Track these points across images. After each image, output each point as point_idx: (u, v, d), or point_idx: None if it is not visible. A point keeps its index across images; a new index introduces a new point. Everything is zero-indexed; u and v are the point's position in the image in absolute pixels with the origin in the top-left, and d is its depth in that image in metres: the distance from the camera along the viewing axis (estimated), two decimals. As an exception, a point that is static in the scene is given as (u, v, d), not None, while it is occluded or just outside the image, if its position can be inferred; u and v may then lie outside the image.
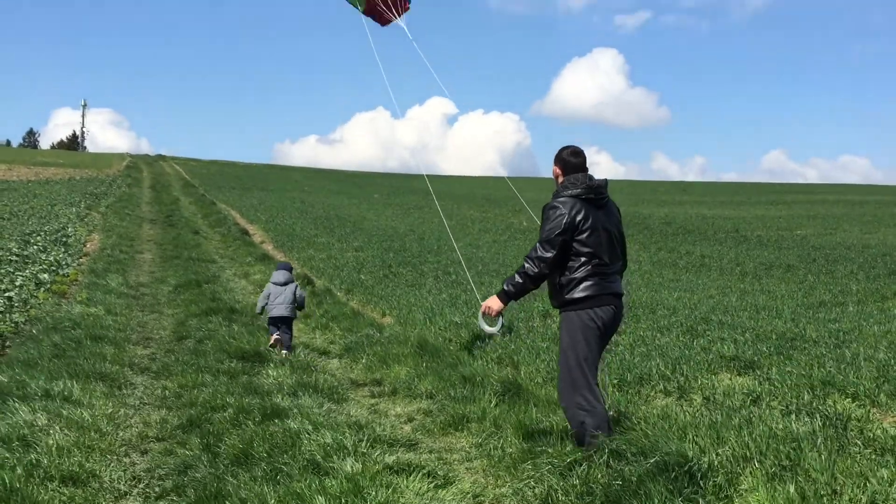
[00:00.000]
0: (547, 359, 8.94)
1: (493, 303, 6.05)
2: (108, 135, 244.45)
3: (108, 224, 26.73)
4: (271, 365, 8.45)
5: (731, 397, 7.39)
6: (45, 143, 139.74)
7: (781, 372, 8.23)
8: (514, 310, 12.37)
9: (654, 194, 67.36)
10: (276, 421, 6.34)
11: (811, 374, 8.01)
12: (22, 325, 10.47)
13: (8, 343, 9.61)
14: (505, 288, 5.87)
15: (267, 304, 9.82)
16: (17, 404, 6.40)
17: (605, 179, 5.93)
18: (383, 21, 9.43)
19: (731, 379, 8.17)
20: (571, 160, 5.88)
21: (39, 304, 12.14)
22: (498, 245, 26.19)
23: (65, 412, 6.40)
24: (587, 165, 5.93)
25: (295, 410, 6.67)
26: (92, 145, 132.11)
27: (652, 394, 7.65)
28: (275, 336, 9.50)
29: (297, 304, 9.97)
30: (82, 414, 6.44)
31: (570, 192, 5.71)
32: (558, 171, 5.93)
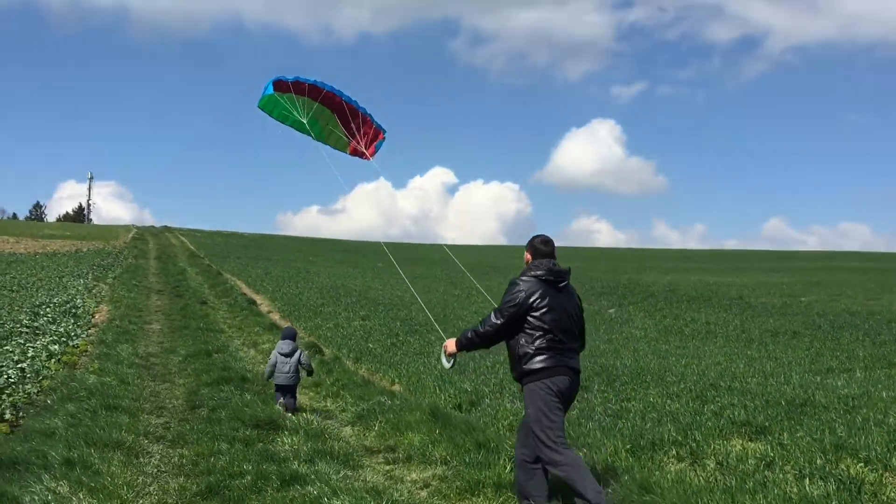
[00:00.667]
0: (559, 425, 9.01)
1: (451, 345, 6.75)
2: (111, 206, 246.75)
3: (116, 295, 26.90)
4: (286, 432, 8.52)
5: (745, 462, 7.45)
6: (51, 215, 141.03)
7: (793, 437, 8.31)
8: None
9: (657, 262, 67.62)
10: (295, 487, 6.41)
11: (823, 439, 8.09)
12: (35, 396, 10.56)
13: (22, 414, 9.70)
14: (461, 338, 6.62)
15: (272, 372, 10.43)
16: (39, 473, 6.48)
17: (568, 267, 6.48)
18: (363, 156, 9.77)
19: (743, 444, 8.23)
20: (541, 248, 6.50)
21: (51, 374, 12.24)
22: (504, 313, 26.32)
23: (86, 480, 6.48)
24: (554, 254, 6.52)
25: (312, 476, 6.74)
26: (97, 217, 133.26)
27: (665, 459, 7.71)
28: (279, 403, 10.14)
29: (304, 368, 10.58)
30: (103, 482, 6.52)
31: (532, 273, 6.33)
32: (528, 255, 6.56)
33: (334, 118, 8.81)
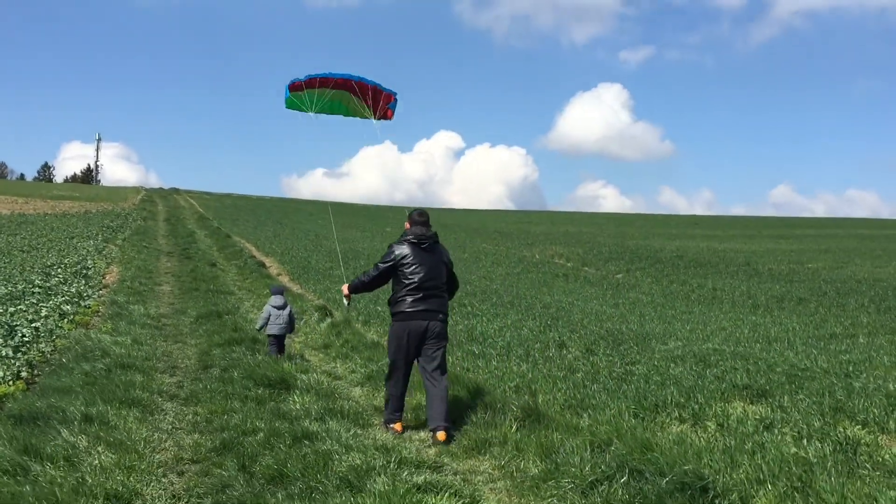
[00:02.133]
0: (564, 387, 9.19)
1: (345, 289, 8.70)
2: (117, 168, 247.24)
3: (127, 257, 27.12)
4: (297, 392, 8.71)
5: (745, 424, 7.62)
6: (58, 176, 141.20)
7: (793, 400, 8.47)
8: (530, 341, 12.62)
9: (664, 228, 67.58)
10: (307, 443, 6.60)
11: (822, 403, 8.25)
12: (49, 355, 10.77)
13: (37, 372, 9.92)
14: (352, 283, 8.55)
15: (267, 323, 11.57)
16: (58, 428, 6.69)
17: (434, 233, 8.20)
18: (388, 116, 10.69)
19: (744, 407, 8.40)
20: (417, 219, 8.22)
21: (64, 334, 12.45)
22: (511, 278, 26.46)
23: (104, 435, 6.68)
24: (428, 222, 8.22)
25: (324, 434, 6.93)
26: (104, 179, 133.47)
27: (667, 420, 7.88)
28: (276, 353, 11.32)
29: (291, 325, 11.81)
30: (120, 437, 6.72)
31: (405, 238, 8.10)
32: (407, 224, 8.26)
33: (351, 96, 9.89)
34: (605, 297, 21.57)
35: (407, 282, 7.89)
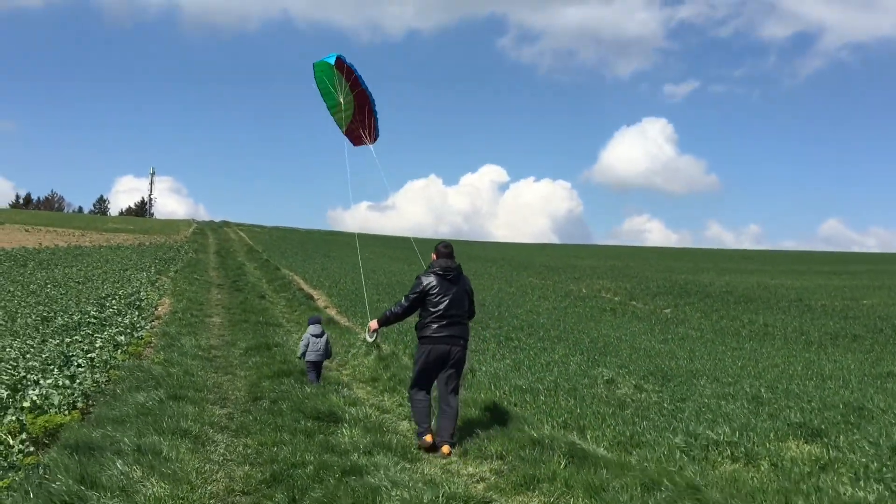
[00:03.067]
0: (612, 424, 9.11)
1: (373, 324, 9.41)
2: (168, 201, 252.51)
3: (178, 289, 27.54)
4: (345, 425, 8.76)
5: (799, 464, 7.48)
6: (112, 209, 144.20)
7: (849, 440, 8.29)
8: (578, 377, 12.54)
9: (713, 262, 66.81)
10: (356, 477, 6.63)
11: (879, 444, 8.06)
12: (103, 385, 10.96)
13: (91, 402, 10.09)
14: (381, 317, 9.31)
15: (306, 350, 12.18)
16: (112, 458, 6.80)
17: (458, 265, 8.87)
18: (356, 143, 11.47)
19: (798, 446, 8.25)
20: (442, 250, 8.92)
21: (118, 364, 12.66)
22: (557, 312, 26.34)
23: (157, 466, 6.77)
24: (452, 254, 8.91)
25: (372, 468, 6.95)
26: (156, 212, 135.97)
27: (719, 459, 7.76)
28: (315, 379, 11.99)
29: (329, 352, 12.49)
30: (173, 468, 6.81)
31: (432, 270, 8.78)
32: (434, 256, 8.94)
33: (354, 106, 10.51)
34: (653, 332, 21.36)
35: (433, 310, 8.59)
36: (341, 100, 10.48)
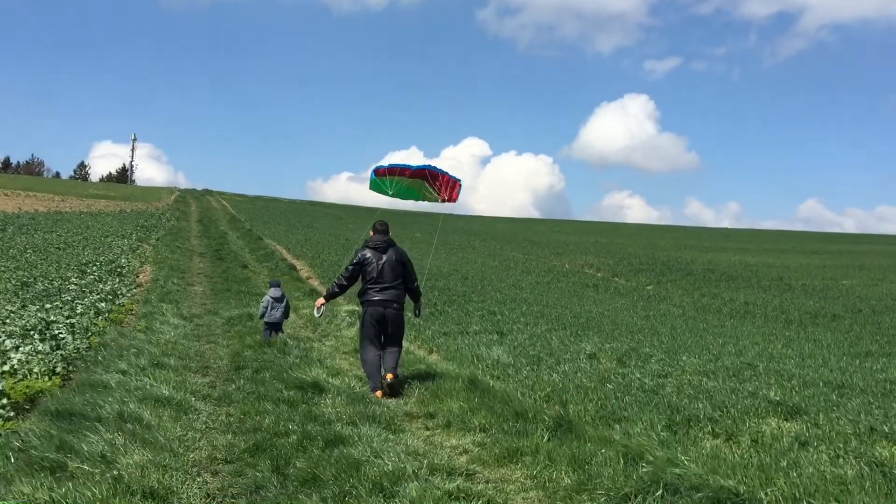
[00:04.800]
0: (595, 398, 9.14)
1: (319, 301, 10.59)
2: (147, 167, 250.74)
3: (160, 256, 27.41)
4: (329, 395, 8.74)
5: (779, 440, 7.54)
6: (92, 175, 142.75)
7: (829, 418, 8.36)
8: (560, 351, 12.58)
9: (696, 240, 67.11)
10: (340, 447, 6.62)
11: (858, 422, 8.14)
12: (84, 352, 10.89)
13: (72, 368, 10.03)
14: (325, 292, 10.81)
15: (265, 312, 13.12)
16: (94, 425, 6.76)
17: (390, 239, 10.12)
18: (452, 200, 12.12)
19: (778, 423, 8.31)
20: (378, 227, 10.23)
21: (99, 331, 12.59)
22: (540, 287, 26.39)
23: (139, 433, 6.74)
24: (387, 231, 10.18)
25: (356, 438, 6.94)
26: (136, 178, 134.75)
27: (700, 435, 7.81)
28: (269, 336, 12.82)
29: (287, 312, 13.49)
30: (155, 435, 6.78)
31: (367, 245, 10.08)
32: (371, 232, 10.26)
33: (423, 183, 11.64)
34: (635, 308, 21.46)
35: (369, 278, 9.86)
36: (390, 192, 11.86)
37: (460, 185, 11.88)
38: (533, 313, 18.29)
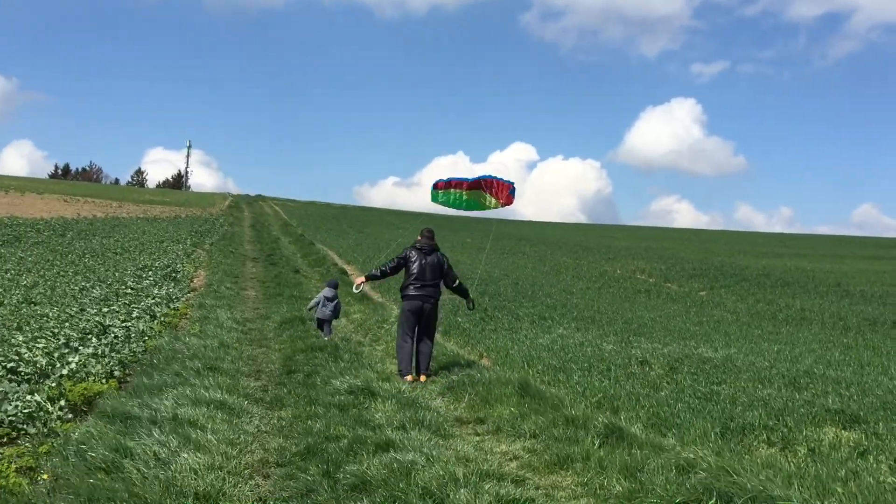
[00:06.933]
0: (647, 405, 9.03)
1: (359, 279, 12.01)
2: (199, 173, 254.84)
3: (214, 261, 27.78)
4: (379, 400, 8.78)
5: (837, 450, 7.37)
6: (149, 181, 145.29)
7: (889, 427, 8.15)
8: (612, 357, 12.46)
9: (750, 245, 66.06)
10: (390, 452, 6.63)
11: (920, 431, 7.92)
12: (140, 355, 11.08)
13: (128, 371, 10.21)
14: (367, 273, 11.91)
15: (316, 308, 14.07)
16: (149, 427, 6.87)
17: (435, 244, 11.32)
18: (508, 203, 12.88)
19: (836, 432, 8.12)
20: (424, 233, 11.35)
21: (155, 335, 12.80)
22: (591, 292, 26.20)
23: (193, 436, 6.83)
24: (432, 237, 11.33)
25: (406, 443, 6.96)
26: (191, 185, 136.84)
27: (755, 443, 7.67)
28: (323, 335, 13.64)
29: (337, 313, 14.29)
30: (208, 438, 6.87)
31: (414, 245, 11.26)
32: (419, 237, 11.33)
33: (480, 191, 12.49)
34: (688, 314, 21.19)
35: (411, 274, 11.02)
36: (451, 205, 12.76)
37: (513, 187, 12.49)
38: (584, 318, 18.16)
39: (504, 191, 12.44)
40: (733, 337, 16.31)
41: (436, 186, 12.80)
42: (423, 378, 10.69)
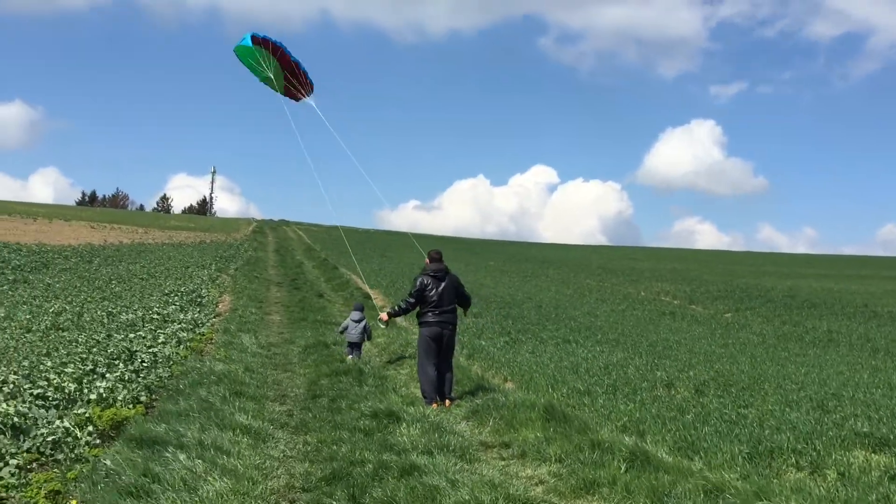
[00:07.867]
0: (673, 428, 8.97)
1: (384, 315, 12.26)
2: (221, 199, 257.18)
3: (238, 286, 27.93)
4: (404, 424, 8.78)
5: (868, 474, 7.28)
6: (174, 208, 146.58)
7: (920, 450, 8.05)
8: (637, 380, 12.40)
9: (775, 266, 65.56)
10: (415, 477, 6.63)
11: (952, 454, 7.81)
12: (166, 380, 11.16)
13: (155, 396, 10.28)
14: (389, 310, 12.19)
15: (345, 332, 14.51)
16: (176, 452, 6.92)
17: (445, 266, 11.40)
18: (296, 99, 12.83)
19: (866, 456, 8.03)
20: (433, 256, 11.47)
21: (180, 360, 12.88)
22: (615, 315, 26.08)
23: (219, 461, 6.87)
24: (441, 258, 11.46)
25: (431, 468, 6.95)
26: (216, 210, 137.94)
27: (784, 467, 7.60)
28: (349, 356, 13.99)
29: (367, 335, 14.64)
30: (234, 463, 6.90)
31: (426, 272, 11.26)
32: (427, 261, 11.44)
33: (283, 71, 11.83)
34: (713, 336, 21.03)
35: (430, 302, 11.02)
36: (270, 75, 11.92)
37: (312, 89, 12.45)
38: (608, 341, 18.08)
39: (306, 83, 12.21)
40: (759, 359, 16.17)
41: (253, 40, 11.90)
42: (448, 403, 10.69)
